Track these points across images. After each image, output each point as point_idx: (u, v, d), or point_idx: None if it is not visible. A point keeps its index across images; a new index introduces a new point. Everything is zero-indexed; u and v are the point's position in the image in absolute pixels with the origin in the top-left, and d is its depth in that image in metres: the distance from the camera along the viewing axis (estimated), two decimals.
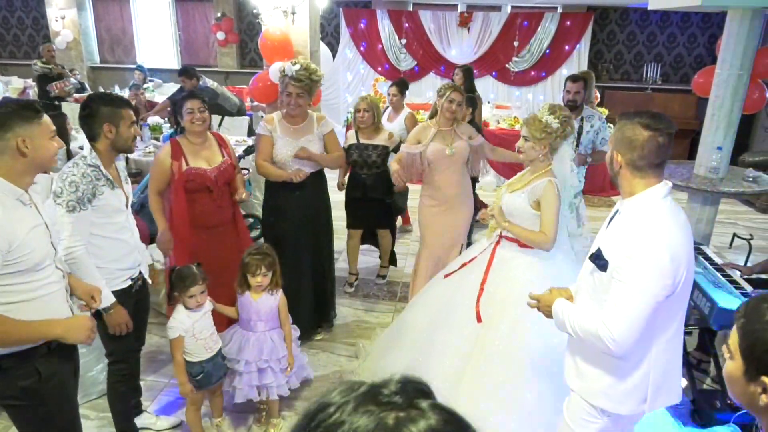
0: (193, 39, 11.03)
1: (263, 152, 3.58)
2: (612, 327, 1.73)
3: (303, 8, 4.09)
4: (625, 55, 9.71)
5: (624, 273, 1.73)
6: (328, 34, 10.32)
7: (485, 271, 2.93)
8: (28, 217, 1.90)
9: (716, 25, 9.14)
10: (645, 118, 1.78)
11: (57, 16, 10.41)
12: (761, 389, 1.06)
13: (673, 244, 1.72)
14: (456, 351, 2.86)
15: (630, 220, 1.80)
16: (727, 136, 4.16)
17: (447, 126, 3.76)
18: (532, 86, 9.57)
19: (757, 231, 6.13)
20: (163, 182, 3.16)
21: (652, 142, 1.76)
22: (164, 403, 3.26)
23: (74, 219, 2.32)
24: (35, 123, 1.89)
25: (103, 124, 2.40)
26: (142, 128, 6.33)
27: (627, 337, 1.72)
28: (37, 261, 1.89)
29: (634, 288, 1.71)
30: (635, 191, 1.83)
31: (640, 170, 1.80)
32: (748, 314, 1.10)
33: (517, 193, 2.85)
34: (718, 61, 4.11)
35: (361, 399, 0.66)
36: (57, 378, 2.02)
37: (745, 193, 4.14)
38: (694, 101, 8.62)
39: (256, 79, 4.64)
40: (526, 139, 2.79)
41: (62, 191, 2.30)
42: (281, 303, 2.92)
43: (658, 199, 1.80)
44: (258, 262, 2.82)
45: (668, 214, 1.79)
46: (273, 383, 2.90)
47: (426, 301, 3.28)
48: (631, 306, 1.71)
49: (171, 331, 2.71)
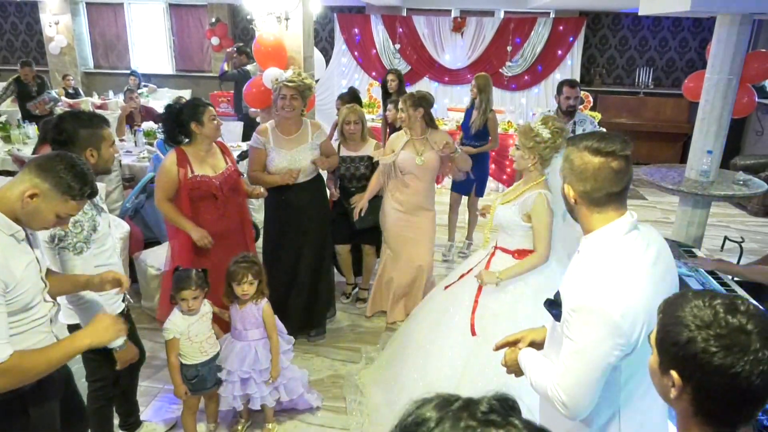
0: (187, 44, 11.04)
1: (256, 164, 3.62)
2: (562, 390, 1.51)
3: (297, 14, 4.11)
4: (618, 60, 9.78)
5: (570, 329, 1.50)
6: (322, 39, 10.35)
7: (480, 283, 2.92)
8: (22, 254, 1.78)
9: (707, 29, 9.22)
10: (592, 141, 1.52)
11: (51, 21, 10.39)
12: (671, 383, 1.07)
13: (627, 296, 1.43)
14: (451, 363, 2.86)
15: (583, 264, 1.56)
16: (717, 140, 4.20)
17: (417, 135, 3.78)
18: (525, 90, 9.62)
19: (749, 234, 6.17)
20: (170, 190, 3.13)
21: (605, 169, 1.50)
22: (158, 408, 3.25)
23: (82, 261, 2.22)
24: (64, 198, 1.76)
25: (85, 149, 2.23)
26: (136, 133, 6.33)
27: (578, 401, 1.49)
28: (28, 300, 1.78)
29: (580, 347, 1.47)
30: (593, 227, 1.57)
31: (597, 203, 1.54)
32: (665, 310, 1.11)
33: (508, 204, 2.84)
34: (708, 66, 4.15)
35: (459, 415, 0.67)
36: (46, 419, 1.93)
37: (735, 196, 4.18)
38: (686, 105, 8.68)
39: (250, 84, 4.65)
40: (517, 148, 2.77)
41: (66, 234, 2.17)
42: (265, 313, 2.88)
43: (619, 237, 1.53)
44: (244, 270, 2.81)
45: (628, 256, 1.50)
46: (256, 394, 2.88)
47: (427, 312, 3.28)
48: (578, 367, 1.48)
49: (166, 332, 2.72)
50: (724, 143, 4.27)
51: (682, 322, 1.04)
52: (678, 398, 1.07)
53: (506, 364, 1.83)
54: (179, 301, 2.71)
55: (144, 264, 4.07)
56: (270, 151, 3.58)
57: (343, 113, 4.09)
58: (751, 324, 1.00)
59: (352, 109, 4.08)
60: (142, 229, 4.46)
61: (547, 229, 2.71)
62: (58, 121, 2.30)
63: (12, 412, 1.83)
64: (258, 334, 2.90)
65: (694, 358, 1.01)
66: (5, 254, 1.70)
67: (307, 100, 3.65)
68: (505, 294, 2.82)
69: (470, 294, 2.94)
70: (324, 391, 3.41)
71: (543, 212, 2.68)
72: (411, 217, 3.90)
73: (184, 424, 2.91)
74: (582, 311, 1.46)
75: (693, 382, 1.03)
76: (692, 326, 1.03)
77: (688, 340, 1.02)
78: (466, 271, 3.12)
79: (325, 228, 3.91)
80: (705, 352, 1.00)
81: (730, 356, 0.98)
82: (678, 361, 1.04)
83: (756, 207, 7.02)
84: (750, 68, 4.40)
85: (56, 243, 2.18)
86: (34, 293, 1.81)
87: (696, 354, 1.01)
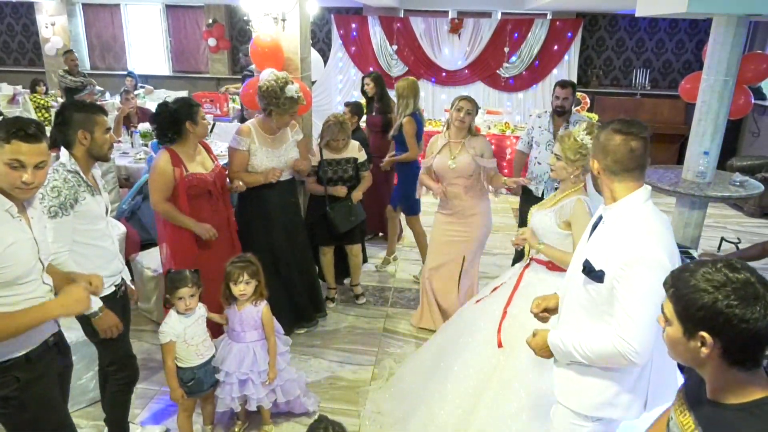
0: (184, 45, 11.03)
1: (238, 165, 3.59)
2: (631, 339, 1.69)
3: (293, 15, 4.09)
4: (615, 61, 9.80)
5: (627, 282, 1.70)
6: (319, 40, 10.35)
7: (510, 294, 2.85)
8: (13, 230, 1.87)
9: (704, 31, 9.24)
10: (617, 124, 1.81)
11: (47, 22, 10.37)
12: (700, 343, 1.22)
13: (666, 243, 1.73)
14: (475, 374, 2.80)
15: (618, 227, 1.79)
16: (714, 141, 4.21)
17: (457, 138, 3.76)
18: (522, 92, 9.62)
19: (745, 235, 6.19)
20: (168, 190, 3.14)
21: (624, 146, 1.77)
22: (155, 410, 3.24)
23: (56, 224, 2.30)
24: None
25: (77, 130, 2.37)
26: (132, 135, 6.32)
27: (647, 345, 1.70)
28: (18, 275, 1.86)
29: (643, 294, 1.68)
30: (617, 197, 1.83)
31: (616, 175, 1.81)
32: (675, 284, 1.27)
33: (545, 211, 2.74)
34: (705, 67, 4.16)
35: None
36: (39, 385, 1.99)
37: (731, 197, 4.19)
38: (683, 107, 8.70)
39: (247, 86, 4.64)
40: (558, 158, 2.66)
41: (44, 196, 2.28)
42: (265, 315, 2.89)
43: (640, 204, 1.80)
44: (240, 270, 2.81)
45: (652, 217, 1.79)
46: (253, 395, 2.88)
47: (456, 326, 3.22)
48: (645, 313, 1.67)
49: (162, 335, 2.70)
50: (721, 144, 4.27)
51: (700, 288, 1.21)
52: (709, 356, 1.22)
53: (535, 349, 2.01)
54: (176, 301, 2.70)
55: (141, 265, 4.06)
56: (256, 150, 3.58)
57: (333, 132, 4.02)
58: (752, 276, 1.19)
59: (342, 128, 4.02)
60: (138, 231, 4.45)
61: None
62: (60, 108, 2.46)
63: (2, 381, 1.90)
64: (256, 336, 2.89)
65: (720, 314, 1.17)
66: None
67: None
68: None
69: (500, 306, 2.86)
70: (321, 392, 3.40)
71: (583, 217, 2.55)
72: (458, 221, 3.88)
73: (181, 426, 2.90)
74: (637, 263, 1.68)
75: (722, 335, 1.18)
76: (710, 288, 1.19)
77: (713, 300, 1.18)
78: (498, 285, 3.05)
79: (300, 225, 3.96)
80: (729, 307, 1.16)
81: (748, 305, 1.15)
82: (706, 321, 1.20)
83: (752, 208, 7.03)
84: (746, 70, 4.41)
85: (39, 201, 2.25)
86: (25, 269, 1.89)
87: (721, 310, 1.17)
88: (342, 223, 4.07)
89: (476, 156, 3.74)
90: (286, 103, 3.47)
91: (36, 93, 8.09)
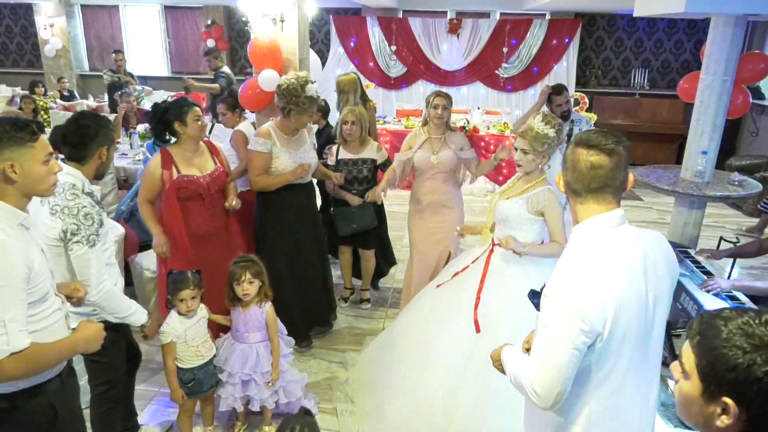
0: (183, 46, 11.02)
1: (260, 168, 3.51)
2: (533, 378, 1.52)
3: (292, 16, 4.10)
4: (613, 61, 9.81)
5: (543, 315, 1.54)
6: (318, 41, 10.35)
7: (481, 279, 2.90)
8: (33, 244, 1.81)
9: (702, 31, 9.25)
10: (587, 135, 1.58)
11: (46, 24, 10.36)
12: (721, 410, 1.01)
13: (595, 285, 1.46)
14: (454, 360, 2.84)
15: (565, 254, 1.58)
16: (713, 141, 4.21)
17: (437, 133, 3.78)
18: (521, 92, 9.63)
19: (744, 234, 6.19)
20: (153, 192, 3.15)
21: (584, 161, 1.53)
22: (154, 412, 3.23)
23: (96, 254, 2.23)
24: (28, 146, 1.76)
25: (100, 146, 2.32)
26: (131, 136, 6.32)
27: (550, 388, 1.49)
28: (46, 290, 1.82)
29: (550, 332, 1.49)
30: (578, 218, 1.60)
31: (578, 195, 1.58)
32: (704, 332, 1.04)
33: (513, 199, 2.83)
34: (703, 67, 4.16)
35: None
36: (71, 413, 1.99)
37: (730, 196, 4.19)
38: (682, 106, 8.71)
39: (245, 86, 4.64)
40: (526, 152, 2.76)
41: (79, 227, 2.17)
42: (269, 316, 2.89)
43: (603, 230, 1.55)
44: (243, 270, 2.81)
45: (606, 248, 1.52)
46: (256, 396, 2.88)
47: (419, 311, 3.25)
48: (548, 353, 1.49)
49: (163, 336, 2.71)
50: (719, 144, 4.27)
51: (734, 343, 0.98)
52: (728, 428, 1.01)
53: (493, 361, 1.85)
54: (177, 303, 2.70)
55: (139, 267, 4.06)
56: (279, 153, 3.53)
57: (342, 114, 4.04)
58: None
59: (351, 110, 4.02)
60: (137, 232, 4.44)
61: (561, 221, 2.76)
62: (81, 119, 2.35)
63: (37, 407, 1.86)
64: (260, 337, 2.90)
65: (756, 382, 0.95)
66: (22, 241, 1.73)
67: None
68: (509, 289, 2.79)
69: (471, 291, 2.91)
70: (320, 393, 3.40)
71: (556, 207, 2.75)
72: (433, 216, 3.89)
73: (181, 427, 2.90)
74: (553, 296, 1.50)
75: (752, 406, 0.97)
76: (748, 347, 0.97)
77: (750, 363, 0.96)
78: (460, 270, 3.10)
79: (319, 228, 3.92)
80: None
81: None
82: (734, 386, 0.98)
83: (751, 207, 7.03)
84: (744, 69, 4.41)
85: (69, 238, 2.18)
86: (49, 283, 1.85)
87: (758, 377, 0.95)
88: (342, 227, 4.06)
89: (457, 150, 3.78)
90: (305, 102, 3.43)
91: (35, 94, 8.09)
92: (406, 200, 4.17)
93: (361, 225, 4.10)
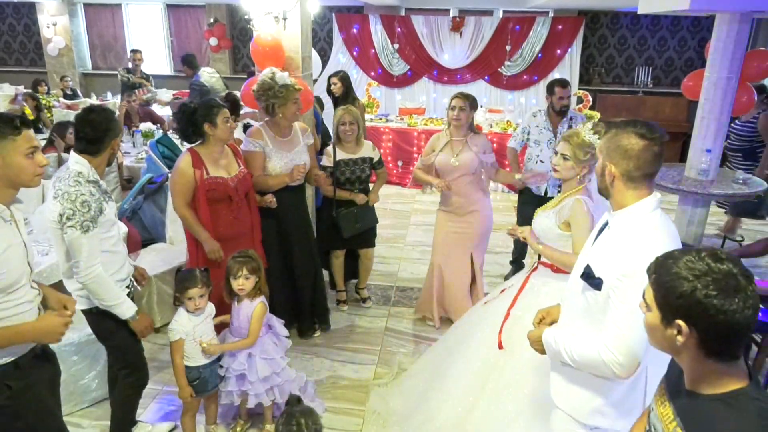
0: (185, 45, 11.02)
1: (256, 168, 3.50)
2: (616, 350, 1.66)
3: (294, 14, 4.08)
4: (617, 59, 9.77)
5: (622, 293, 1.66)
6: (321, 39, 10.34)
7: (515, 296, 2.81)
8: (6, 235, 1.86)
9: (706, 28, 9.22)
10: (640, 128, 1.72)
11: (49, 22, 10.38)
12: (677, 331, 1.21)
13: None
14: (474, 374, 2.80)
15: (621, 236, 1.73)
16: (717, 139, 4.19)
17: (458, 135, 3.77)
18: (524, 90, 9.60)
19: (748, 233, 6.16)
20: (189, 193, 3.09)
21: (648, 151, 1.70)
22: (157, 410, 3.23)
23: (88, 239, 2.29)
24: (9, 139, 1.83)
25: (114, 138, 2.44)
26: (134, 134, 6.33)
27: (633, 359, 1.66)
28: (11, 282, 1.86)
29: (634, 307, 1.57)
30: (626, 203, 1.76)
31: (634, 181, 1.74)
32: (658, 270, 1.25)
33: (547, 212, 2.68)
34: (707, 65, 4.14)
35: None
36: (31, 392, 1.98)
37: (735, 195, 4.17)
38: (685, 104, 8.68)
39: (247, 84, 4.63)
40: (566, 158, 2.58)
41: (74, 213, 2.25)
42: (256, 311, 2.83)
43: (648, 212, 1.74)
44: (240, 265, 2.80)
45: (660, 227, 1.73)
46: (251, 391, 2.87)
47: (463, 328, 3.20)
48: (634, 327, 1.60)
49: (171, 333, 2.71)
50: (723, 142, 4.26)
51: (680, 276, 1.19)
52: (684, 345, 1.21)
53: (530, 339, 2.03)
54: (185, 301, 2.71)
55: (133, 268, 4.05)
56: (271, 154, 3.52)
57: (338, 114, 3.99)
58: (735, 267, 1.17)
59: (347, 110, 3.97)
60: (139, 231, 4.45)
61: (586, 234, 2.48)
62: (101, 113, 2.44)
63: None
64: None
65: (698, 304, 1.16)
66: None
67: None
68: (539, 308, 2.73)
69: (504, 308, 2.82)
70: (323, 392, 3.40)
71: (582, 217, 2.51)
72: (456, 218, 3.89)
73: (184, 425, 2.90)
74: (634, 275, 1.61)
75: (699, 325, 1.17)
76: (690, 277, 1.18)
77: (692, 289, 1.17)
78: (507, 287, 3.01)
79: (310, 231, 3.93)
80: (707, 297, 1.15)
81: (727, 297, 1.14)
82: (683, 310, 1.19)
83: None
84: (749, 67, 4.39)
85: (64, 222, 2.26)
86: (17, 275, 1.88)
87: (699, 300, 1.16)
88: (347, 228, 4.04)
89: (479, 153, 3.76)
90: (281, 91, 3.41)
91: (38, 93, 8.10)
92: (406, 199, 4.17)
93: (365, 224, 4.11)
